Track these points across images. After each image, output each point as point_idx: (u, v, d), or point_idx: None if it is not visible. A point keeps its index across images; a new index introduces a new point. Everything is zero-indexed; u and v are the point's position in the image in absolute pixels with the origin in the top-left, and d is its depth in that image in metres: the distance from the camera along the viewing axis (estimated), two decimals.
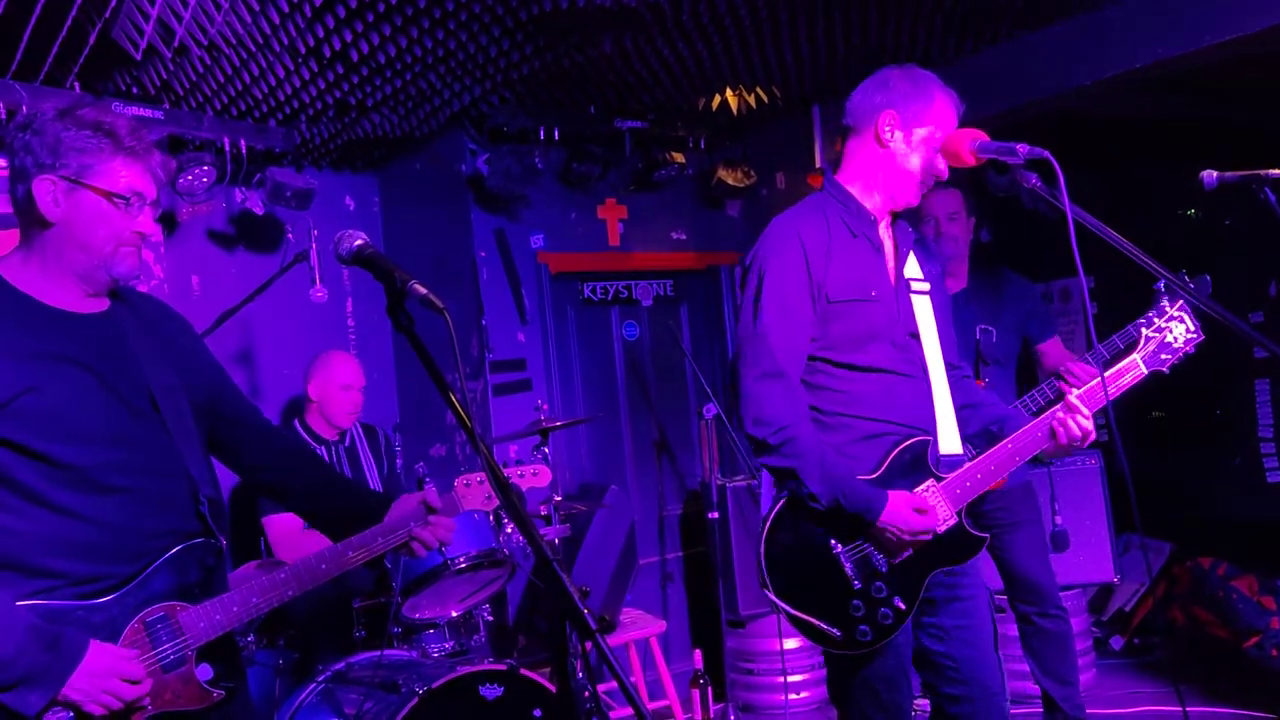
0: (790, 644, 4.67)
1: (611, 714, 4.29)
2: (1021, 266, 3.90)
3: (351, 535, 2.11)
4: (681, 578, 5.28)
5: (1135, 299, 3.14)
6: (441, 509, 2.20)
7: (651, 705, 4.44)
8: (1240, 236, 5.06)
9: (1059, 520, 4.37)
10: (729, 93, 4.60)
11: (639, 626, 4.34)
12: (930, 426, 2.40)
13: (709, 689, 4.52)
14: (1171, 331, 2.42)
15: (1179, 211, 5.51)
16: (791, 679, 4.65)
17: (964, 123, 2.41)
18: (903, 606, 2.33)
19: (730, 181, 5.13)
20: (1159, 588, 5.23)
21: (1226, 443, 5.32)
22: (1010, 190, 4.60)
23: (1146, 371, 2.42)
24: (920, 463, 2.36)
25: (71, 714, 1.77)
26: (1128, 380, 2.40)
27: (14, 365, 1.82)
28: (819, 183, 5.00)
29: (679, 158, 4.98)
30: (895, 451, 2.35)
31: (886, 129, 2.37)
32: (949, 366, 2.51)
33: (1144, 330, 2.43)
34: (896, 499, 2.29)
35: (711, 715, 4.51)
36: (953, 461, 2.42)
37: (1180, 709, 4.13)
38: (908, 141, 2.37)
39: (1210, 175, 2.39)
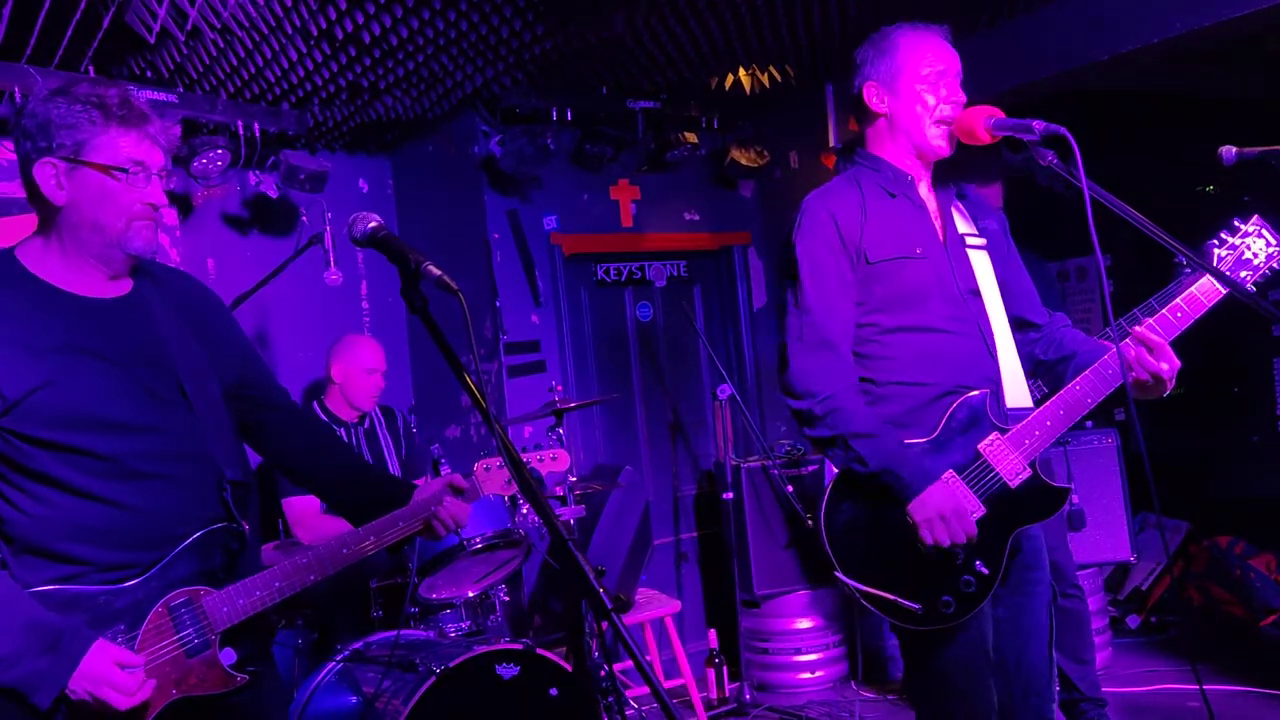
0: (804, 623, 4.69)
1: (627, 693, 4.31)
2: (1035, 245, 3.88)
3: (374, 520, 2.11)
4: (696, 558, 5.29)
5: (1151, 277, 3.12)
6: (466, 491, 2.20)
7: (667, 684, 4.46)
8: (1259, 213, 5.01)
9: (1075, 499, 4.36)
10: (742, 72, 4.58)
11: (654, 606, 4.36)
12: (993, 382, 2.31)
13: (724, 668, 4.55)
14: (1250, 248, 2.28)
15: (1197, 188, 5.46)
16: (806, 658, 4.67)
17: (980, 99, 2.38)
18: (986, 571, 2.20)
19: (743, 161, 5.11)
20: (1176, 566, 5.22)
21: (1245, 421, 5.29)
22: (1024, 168, 4.59)
23: (1224, 291, 2.23)
24: (979, 418, 2.26)
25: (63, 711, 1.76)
26: (1205, 302, 2.24)
27: (29, 361, 1.81)
28: (832, 162, 4.97)
29: (692, 138, 4.96)
30: (950, 410, 2.26)
31: (875, 99, 2.39)
32: (1028, 325, 2.44)
33: (1216, 250, 2.28)
34: (938, 489, 2.18)
35: (726, 694, 4.54)
36: (1022, 415, 2.30)
37: (1197, 687, 4.12)
38: (897, 96, 2.36)
39: (1229, 151, 2.37)
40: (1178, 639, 4.92)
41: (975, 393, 2.28)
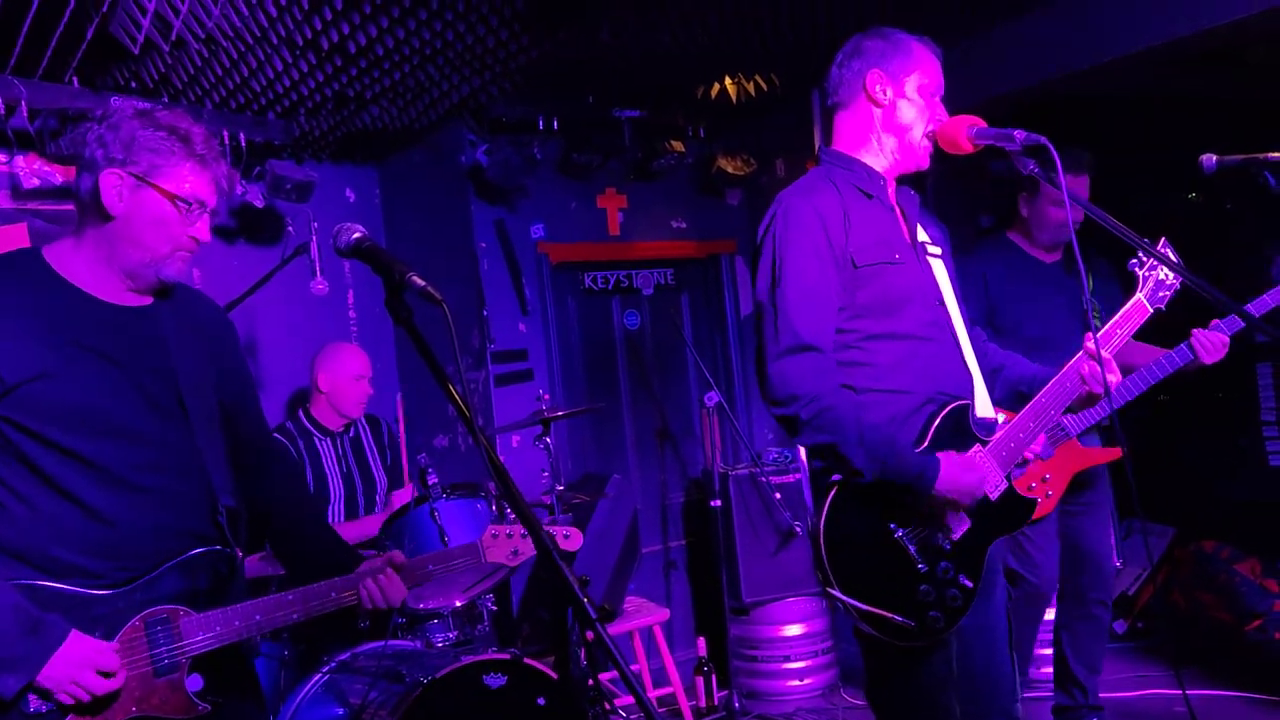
0: (793, 630, 4.69)
1: (617, 701, 4.30)
2: None
3: (311, 579, 2.08)
4: (684, 566, 5.29)
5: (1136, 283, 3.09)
6: (405, 568, 2.15)
7: (656, 693, 4.46)
8: (1242, 219, 5.05)
9: None
10: (728, 81, 4.59)
11: (643, 614, 4.36)
12: (967, 390, 2.32)
13: (713, 676, 4.55)
14: (1162, 269, 2.40)
15: (1181, 195, 5.49)
16: (795, 665, 4.67)
17: (964, 107, 2.40)
18: (969, 585, 2.23)
19: (730, 170, 5.13)
20: (1161, 572, 5.24)
21: (1229, 426, 5.31)
22: (1008, 176, 4.62)
23: (1151, 309, 2.41)
24: (963, 428, 2.27)
25: (50, 705, 1.76)
26: (1138, 319, 2.41)
27: (33, 349, 1.83)
28: None
29: (678, 146, 4.98)
30: (939, 419, 2.25)
31: (878, 88, 2.33)
32: None
33: (1138, 270, 2.43)
34: (948, 461, 2.19)
35: (715, 702, 4.53)
36: (988, 425, 2.32)
37: (1179, 692, 4.14)
38: (901, 93, 2.32)
39: (1210, 159, 2.39)
40: (1164, 644, 4.93)
41: (956, 402, 2.29)
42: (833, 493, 2.23)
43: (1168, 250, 2.39)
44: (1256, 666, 4.35)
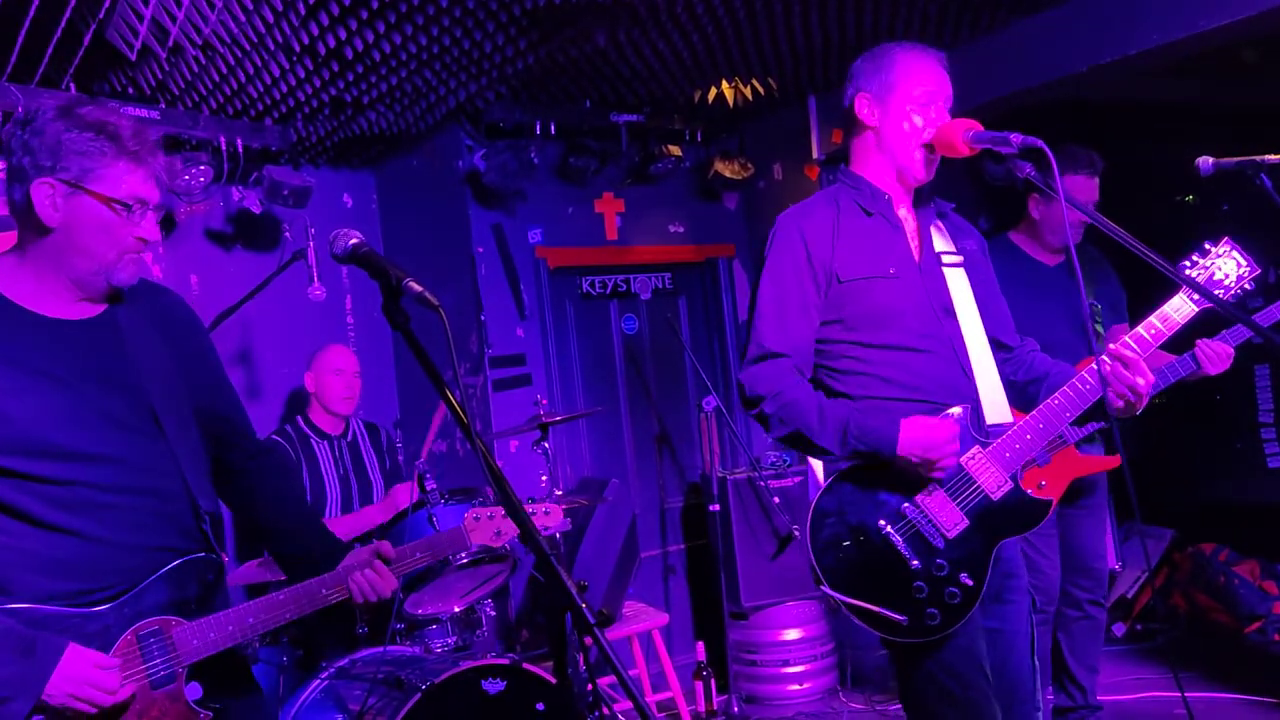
0: (792, 634, 4.68)
1: (616, 706, 4.30)
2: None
3: (305, 577, 2.07)
4: (683, 570, 5.28)
5: (1134, 287, 3.10)
6: (394, 560, 2.14)
7: (655, 697, 4.45)
8: (1238, 222, 5.04)
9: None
10: (725, 85, 4.60)
11: (642, 619, 4.35)
12: (968, 397, 2.33)
13: (712, 680, 4.54)
14: (1220, 269, 2.29)
15: (1177, 197, 5.50)
16: (795, 669, 4.67)
17: (961, 111, 2.39)
18: (970, 583, 2.23)
19: (727, 174, 5.13)
20: (1160, 574, 5.24)
21: (1227, 428, 5.32)
22: (1007, 179, 4.61)
23: (1196, 308, 2.27)
24: (960, 432, 2.28)
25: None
26: (1178, 319, 2.27)
27: None
28: (815, 174, 5.00)
29: (675, 151, 4.98)
30: None
31: (867, 112, 2.40)
32: (1000, 346, 2.46)
33: (1187, 271, 2.30)
34: (909, 422, 2.22)
35: (715, 707, 4.53)
36: (1002, 431, 2.33)
37: (1179, 694, 4.14)
38: (889, 113, 2.37)
39: (1206, 162, 2.39)
40: (1163, 646, 4.93)
41: (951, 408, 2.30)
42: (821, 491, 2.30)
43: (1233, 249, 2.30)
44: (1256, 668, 4.35)
